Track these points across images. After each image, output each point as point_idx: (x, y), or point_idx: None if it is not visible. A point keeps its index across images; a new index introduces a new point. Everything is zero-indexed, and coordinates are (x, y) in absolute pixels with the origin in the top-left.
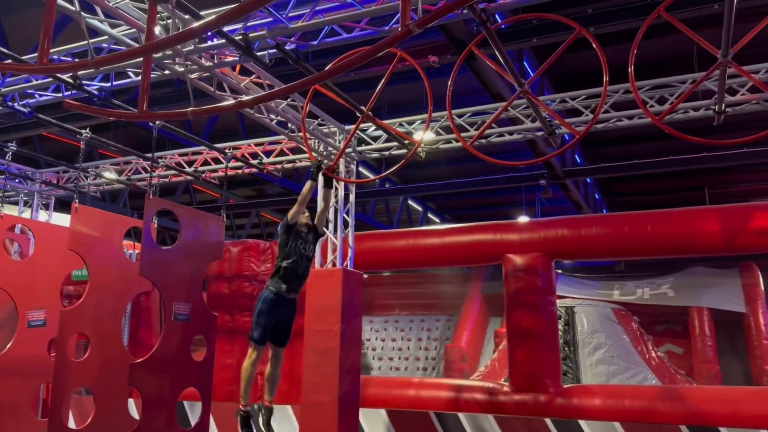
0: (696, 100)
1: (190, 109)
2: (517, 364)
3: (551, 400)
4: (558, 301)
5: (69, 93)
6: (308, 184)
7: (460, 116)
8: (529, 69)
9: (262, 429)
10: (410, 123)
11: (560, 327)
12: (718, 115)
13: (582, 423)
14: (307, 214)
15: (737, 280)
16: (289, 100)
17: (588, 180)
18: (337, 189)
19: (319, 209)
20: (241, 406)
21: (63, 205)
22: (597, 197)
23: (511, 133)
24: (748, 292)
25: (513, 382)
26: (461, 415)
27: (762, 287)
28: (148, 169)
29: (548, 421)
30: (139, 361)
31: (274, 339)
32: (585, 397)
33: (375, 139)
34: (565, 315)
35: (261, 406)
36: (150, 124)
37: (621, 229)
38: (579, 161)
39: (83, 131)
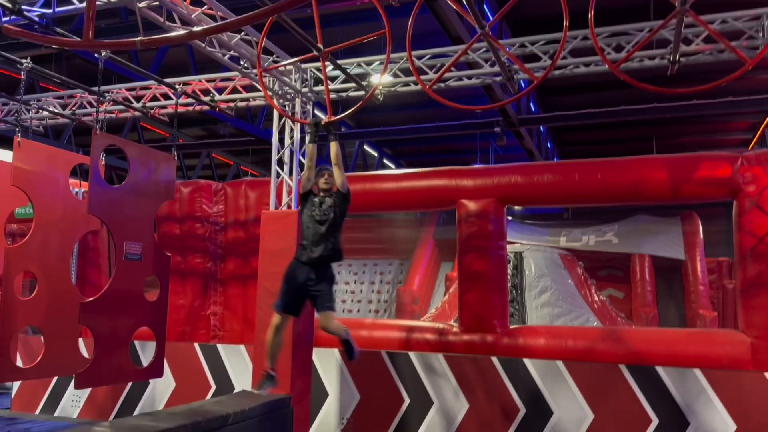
0: (651, 49)
1: (139, 38)
2: (467, 306)
3: (498, 340)
4: (508, 247)
5: (7, 19)
6: (310, 147)
7: (419, 58)
8: (488, 12)
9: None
10: (368, 64)
11: (509, 271)
12: (672, 64)
13: (527, 361)
14: (325, 176)
15: (678, 228)
16: (243, 34)
17: (541, 128)
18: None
19: (333, 168)
20: (265, 368)
21: (3, 140)
22: (549, 146)
23: (469, 78)
24: (688, 240)
25: (462, 323)
26: (412, 354)
27: (701, 236)
28: (94, 103)
29: (495, 359)
30: (90, 299)
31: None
32: (530, 337)
33: (332, 79)
34: (514, 260)
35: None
36: (96, 55)
37: (572, 176)
38: (533, 109)
39: (24, 61)
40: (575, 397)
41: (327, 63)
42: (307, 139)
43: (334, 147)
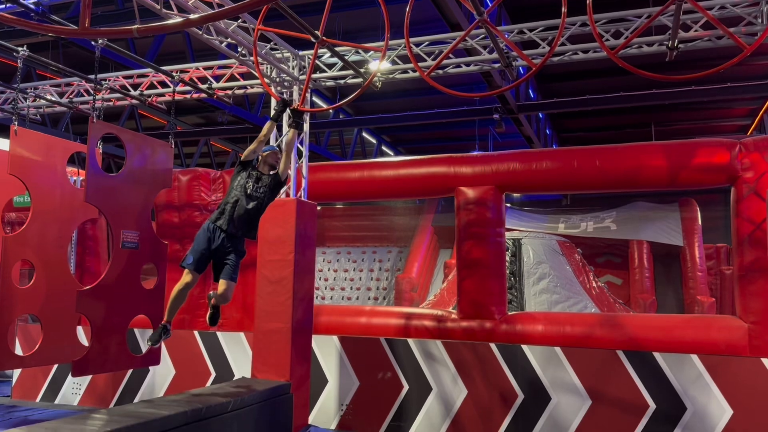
0: (650, 35)
1: (135, 26)
2: (465, 293)
3: (496, 326)
4: (506, 234)
5: (3, 6)
6: (268, 124)
7: (417, 45)
8: None
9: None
10: (366, 51)
11: (507, 258)
12: (670, 50)
13: (525, 348)
14: (277, 154)
15: (677, 214)
16: (240, 21)
17: (540, 115)
18: (302, 128)
19: (283, 154)
20: (163, 321)
21: (0, 129)
22: (548, 132)
23: (468, 65)
24: (686, 226)
25: (461, 310)
26: (410, 341)
27: (699, 222)
28: (91, 91)
29: (493, 345)
30: (87, 288)
31: (214, 270)
32: (528, 324)
33: (330, 66)
34: (512, 246)
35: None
36: (92, 42)
37: (570, 163)
38: (532, 96)
39: (20, 49)
40: (573, 383)
41: (325, 50)
42: (271, 114)
43: (290, 134)
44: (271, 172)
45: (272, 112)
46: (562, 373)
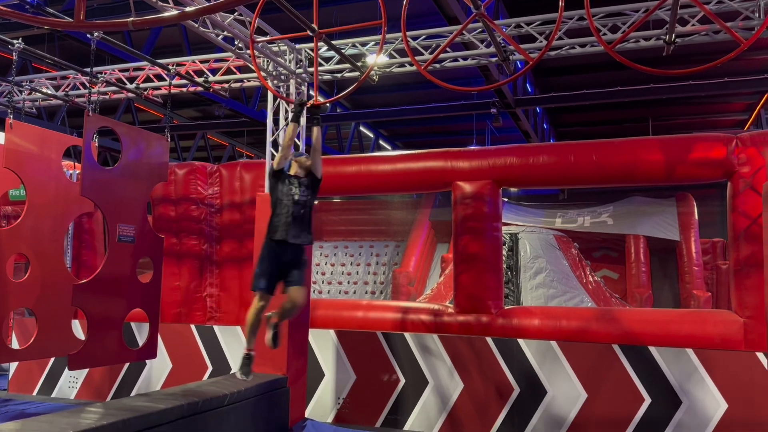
0: (648, 29)
1: (131, 19)
2: (462, 287)
3: (493, 320)
4: (503, 228)
5: None
6: (291, 127)
7: (414, 39)
8: None
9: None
10: (363, 44)
11: (504, 252)
12: (668, 45)
13: (521, 341)
14: (305, 157)
15: (673, 209)
16: (236, 14)
17: (537, 109)
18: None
19: (314, 152)
20: (244, 350)
21: None
22: (546, 127)
23: (465, 58)
24: (683, 221)
25: (457, 304)
26: (407, 335)
27: (696, 216)
28: (87, 84)
29: (489, 340)
30: (83, 282)
31: (284, 281)
32: (524, 318)
33: (327, 60)
34: (509, 241)
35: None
36: (88, 35)
37: (567, 157)
38: (530, 90)
39: (15, 42)
40: (569, 377)
41: (321, 44)
42: (290, 117)
43: (315, 131)
44: (306, 174)
45: (290, 115)
46: (558, 367)
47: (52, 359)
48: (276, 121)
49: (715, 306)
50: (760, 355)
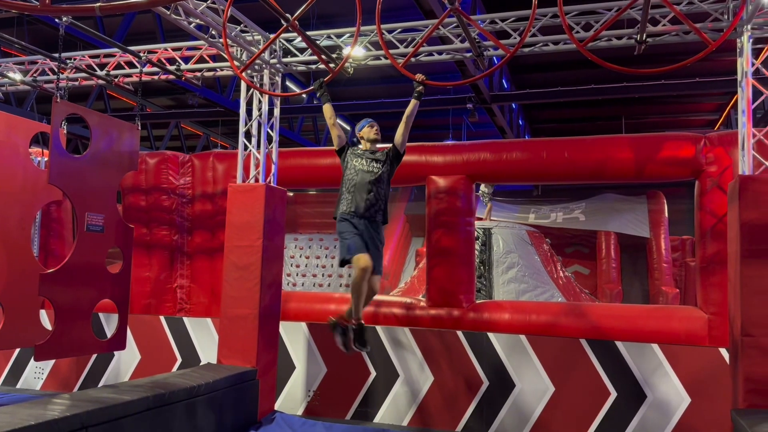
0: (621, 28)
1: (98, 4)
2: (434, 281)
3: (464, 314)
4: (477, 223)
5: None
6: (324, 107)
7: (390, 32)
8: None
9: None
10: (339, 36)
11: (477, 247)
12: (639, 44)
13: (491, 335)
14: (376, 128)
15: (644, 206)
16: (209, 1)
17: (513, 106)
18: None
19: (402, 124)
20: (353, 321)
21: None
22: (521, 123)
23: (440, 53)
24: (653, 218)
25: (429, 298)
26: (379, 328)
27: (666, 214)
28: (56, 70)
29: (460, 333)
30: (50, 271)
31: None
32: (495, 312)
33: (302, 50)
34: (482, 236)
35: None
36: (56, 20)
37: (540, 154)
38: (506, 86)
39: None
40: (537, 371)
41: (295, 34)
42: (322, 100)
43: (412, 104)
44: (376, 146)
45: (322, 99)
46: (527, 360)
47: (18, 350)
48: (249, 112)
49: (683, 302)
50: (723, 351)
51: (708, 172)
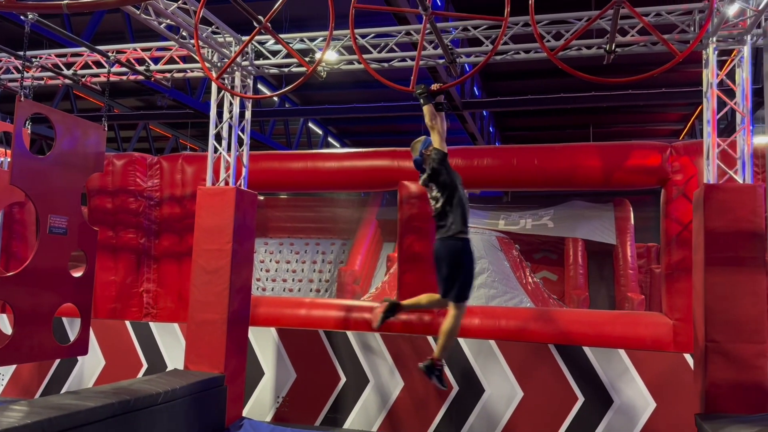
0: (591, 38)
1: (65, 1)
2: (405, 286)
3: (434, 319)
4: None
5: None
6: (425, 109)
7: (363, 37)
8: None
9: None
10: (312, 39)
11: None
12: (608, 54)
13: (461, 340)
14: (418, 144)
15: (611, 213)
16: (180, 2)
17: (484, 113)
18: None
19: (434, 133)
20: (437, 361)
21: None
22: (492, 130)
23: (413, 59)
24: (620, 226)
25: None
26: (349, 333)
27: (632, 221)
28: (20, 68)
29: (430, 338)
30: (9, 274)
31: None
32: (465, 317)
33: (274, 53)
34: None
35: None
36: (22, 17)
37: (510, 161)
38: (477, 94)
39: None
40: (506, 376)
41: (267, 37)
42: (422, 102)
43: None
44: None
45: (422, 95)
46: (496, 365)
47: None
48: (220, 114)
49: (648, 308)
50: (687, 356)
51: (674, 180)
